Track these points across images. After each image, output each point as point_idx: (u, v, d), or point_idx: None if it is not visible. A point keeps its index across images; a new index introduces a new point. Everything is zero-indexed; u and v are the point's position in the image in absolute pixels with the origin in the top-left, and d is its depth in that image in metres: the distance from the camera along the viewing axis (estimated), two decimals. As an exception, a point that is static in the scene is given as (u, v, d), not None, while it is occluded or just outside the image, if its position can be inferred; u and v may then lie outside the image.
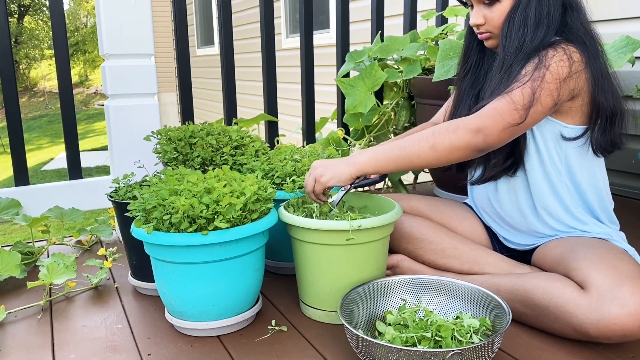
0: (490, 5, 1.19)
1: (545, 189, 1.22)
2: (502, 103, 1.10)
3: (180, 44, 1.94)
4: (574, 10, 1.17)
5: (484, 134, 1.09)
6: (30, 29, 16.85)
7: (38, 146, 8.74)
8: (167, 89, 8.87)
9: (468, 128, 1.09)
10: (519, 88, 1.10)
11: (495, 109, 1.09)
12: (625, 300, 0.97)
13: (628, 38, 1.62)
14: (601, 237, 1.19)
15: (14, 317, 1.26)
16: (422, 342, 0.96)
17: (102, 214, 3.72)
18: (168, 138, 1.51)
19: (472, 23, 1.22)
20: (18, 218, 1.66)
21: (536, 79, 1.09)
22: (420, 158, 1.11)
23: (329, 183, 1.14)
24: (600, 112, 1.16)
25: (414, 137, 1.13)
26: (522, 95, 1.09)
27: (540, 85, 1.09)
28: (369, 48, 2.11)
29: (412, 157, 1.11)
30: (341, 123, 2.20)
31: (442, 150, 1.10)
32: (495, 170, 1.24)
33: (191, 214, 1.06)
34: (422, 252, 1.31)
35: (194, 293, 1.10)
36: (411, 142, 1.13)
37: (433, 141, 1.10)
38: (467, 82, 1.32)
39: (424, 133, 1.13)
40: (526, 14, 1.14)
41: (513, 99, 1.09)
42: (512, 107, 1.08)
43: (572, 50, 1.12)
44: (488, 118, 1.09)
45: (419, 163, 1.12)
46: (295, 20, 5.36)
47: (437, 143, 1.10)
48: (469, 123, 1.10)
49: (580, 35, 1.16)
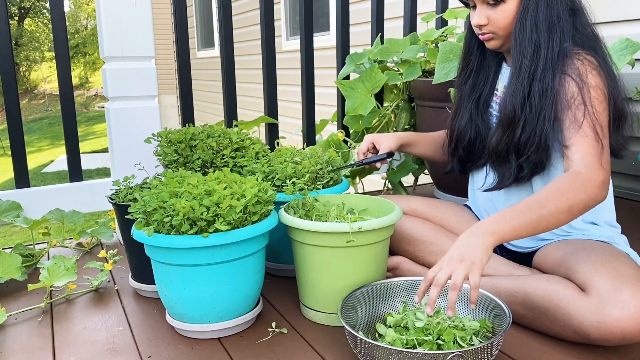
0: (495, 6, 1.17)
1: None
2: (589, 146, 1.09)
3: (181, 46, 1.95)
4: (582, 16, 1.17)
5: (605, 185, 1.07)
6: (31, 31, 16.87)
7: (38, 148, 8.74)
8: (168, 91, 8.88)
9: (596, 184, 1.05)
10: (590, 128, 1.09)
11: (594, 156, 1.08)
12: (626, 303, 0.97)
13: (627, 40, 1.62)
14: (603, 240, 1.19)
15: (14, 319, 1.26)
16: (424, 345, 0.96)
17: (102, 216, 3.72)
18: (168, 140, 1.51)
19: (475, 23, 1.21)
20: (19, 220, 1.66)
21: (591, 107, 1.10)
22: (559, 221, 1.03)
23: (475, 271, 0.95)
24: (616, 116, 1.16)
25: (545, 201, 1.03)
26: (593, 135, 1.09)
27: (597, 110, 1.10)
28: (369, 50, 2.12)
29: (551, 221, 1.02)
30: (341, 125, 2.21)
31: (577, 211, 1.04)
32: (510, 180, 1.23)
33: (192, 216, 1.06)
34: (422, 253, 1.31)
35: (194, 295, 1.10)
36: (546, 206, 1.02)
37: (570, 204, 1.02)
38: (468, 86, 1.32)
39: (554, 195, 1.03)
40: (537, 17, 1.14)
41: (592, 138, 1.09)
42: (597, 149, 1.08)
43: (591, 59, 1.12)
44: (603, 170, 1.07)
45: (555, 226, 1.04)
46: (296, 22, 5.36)
47: (573, 205, 1.03)
48: (596, 178, 1.06)
49: (590, 40, 1.16)
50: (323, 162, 1.45)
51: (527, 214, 1.01)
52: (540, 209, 1.01)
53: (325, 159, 1.47)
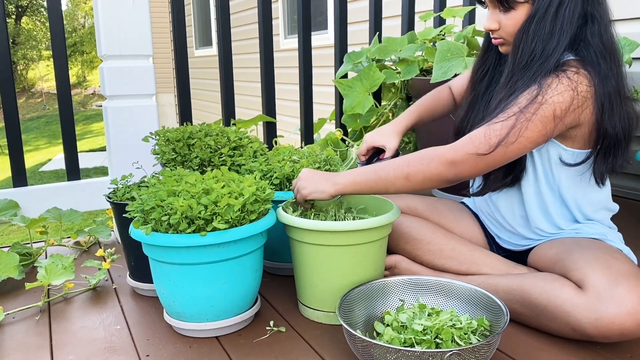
0: (506, 12, 1.14)
1: (535, 206, 1.23)
2: (480, 135, 1.08)
3: (179, 44, 1.94)
4: (596, 24, 1.10)
5: (457, 168, 1.09)
6: (28, 30, 16.83)
7: (36, 147, 8.72)
8: (165, 90, 8.86)
9: (442, 161, 1.10)
10: (500, 122, 1.08)
11: (472, 142, 1.09)
12: (622, 299, 0.97)
13: (625, 39, 1.63)
14: (594, 237, 1.19)
15: (12, 318, 1.26)
16: (422, 343, 0.96)
17: (100, 215, 3.72)
18: (166, 139, 1.51)
19: (486, 27, 1.19)
20: (16, 219, 1.65)
21: (526, 113, 1.06)
22: (395, 186, 1.15)
23: (309, 197, 1.19)
24: (605, 140, 1.13)
25: (390, 164, 1.15)
26: (500, 128, 1.07)
27: (530, 119, 1.06)
28: (367, 49, 2.12)
29: (388, 185, 1.15)
30: (339, 124, 2.21)
31: (415, 181, 1.13)
32: (495, 185, 1.24)
33: (190, 214, 1.06)
34: (420, 252, 1.32)
35: (192, 294, 1.10)
36: (387, 170, 1.15)
37: (407, 172, 1.12)
38: (483, 85, 1.29)
39: (400, 161, 1.14)
40: (541, 26, 1.10)
41: (490, 132, 1.08)
42: (486, 141, 1.07)
43: (579, 80, 1.07)
44: (462, 153, 1.09)
45: (394, 190, 1.16)
46: (294, 21, 5.36)
47: (410, 174, 1.12)
48: (443, 156, 1.10)
49: (596, 52, 1.10)
50: (321, 161, 1.45)
51: (370, 174, 1.16)
52: (381, 172, 1.15)
53: (323, 157, 1.47)
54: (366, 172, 1.17)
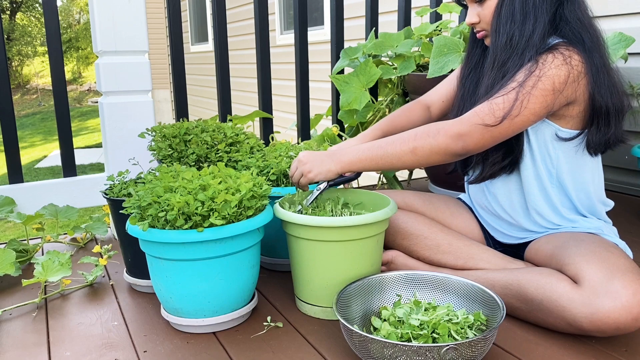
0: (481, 4, 1.20)
1: (535, 189, 1.23)
2: (484, 109, 1.10)
3: (175, 40, 1.94)
4: (571, 2, 1.16)
5: (464, 141, 1.10)
6: (23, 26, 16.74)
7: (31, 144, 8.69)
8: (161, 86, 8.84)
9: (449, 134, 1.11)
10: (501, 96, 1.10)
11: (477, 114, 1.10)
12: (618, 293, 0.98)
13: (621, 34, 1.63)
14: (591, 232, 1.20)
15: (9, 315, 1.25)
16: (419, 338, 0.97)
17: (96, 212, 3.71)
18: (162, 135, 1.51)
19: (468, 22, 1.24)
20: (12, 216, 1.65)
21: (526, 86, 1.09)
22: (402, 161, 1.14)
23: (316, 179, 1.19)
24: (597, 113, 1.15)
25: (396, 138, 1.15)
26: (503, 102, 1.10)
27: (531, 92, 1.09)
28: (363, 45, 2.11)
29: (393, 160, 1.15)
30: (336, 120, 2.21)
31: (422, 155, 1.13)
32: (493, 168, 1.24)
33: (186, 211, 1.06)
34: (417, 247, 1.32)
35: (189, 290, 1.11)
36: (393, 143, 1.15)
37: (414, 145, 1.13)
38: (471, 81, 1.31)
39: (406, 135, 1.14)
40: (513, 7, 1.14)
41: (494, 106, 1.10)
42: (491, 113, 1.09)
43: (571, 55, 1.11)
44: (468, 124, 1.10)
45: (400, 165, 1.15)
46: (290, 16, 5.35)
47: (417, 147, 1.12)
48: (450, 129, 1.11)
49: (577, 29, 1.14)
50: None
51: (376, 149, 1.16)
52: (387, 146, 1.15)
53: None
54: (372, 147, 1.17)
